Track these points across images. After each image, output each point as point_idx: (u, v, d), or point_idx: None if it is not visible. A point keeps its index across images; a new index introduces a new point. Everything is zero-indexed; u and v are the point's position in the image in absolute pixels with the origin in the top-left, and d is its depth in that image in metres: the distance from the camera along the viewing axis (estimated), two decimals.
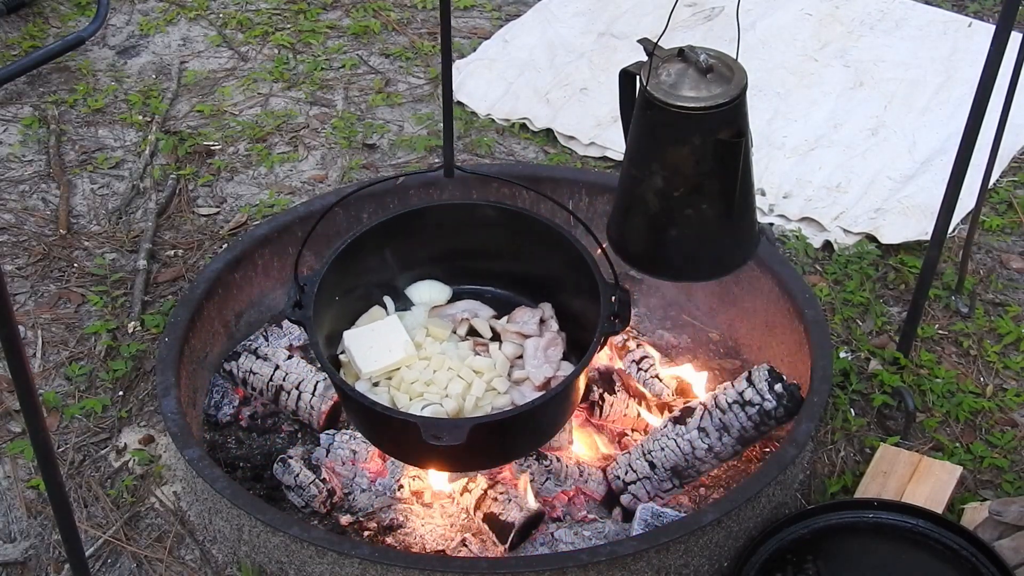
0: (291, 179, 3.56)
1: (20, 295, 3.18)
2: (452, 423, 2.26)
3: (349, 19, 4.24)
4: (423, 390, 2.46)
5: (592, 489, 2.61)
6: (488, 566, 2.33)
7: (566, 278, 2.52)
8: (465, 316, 2.64)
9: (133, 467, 2.75)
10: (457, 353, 2.54)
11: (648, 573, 2.35)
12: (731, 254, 2.39)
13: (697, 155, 2.19)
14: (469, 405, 2.44)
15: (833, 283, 3.18)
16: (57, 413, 2.85)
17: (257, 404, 2.83)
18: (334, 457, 2.64)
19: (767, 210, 3.40)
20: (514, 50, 4.04)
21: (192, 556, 2.58)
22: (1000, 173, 3.53)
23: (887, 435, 2.78)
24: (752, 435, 2.54)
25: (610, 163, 3.59)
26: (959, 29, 4.07)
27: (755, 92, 2.31)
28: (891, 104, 3.77)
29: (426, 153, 3.64)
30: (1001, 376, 2.96)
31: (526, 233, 2.57)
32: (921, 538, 2.45)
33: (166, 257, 3.29)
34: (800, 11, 4.17)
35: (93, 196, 3.50)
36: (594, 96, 3.81)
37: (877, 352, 2.97)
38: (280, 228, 2.95)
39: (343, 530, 2.55)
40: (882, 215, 3.36)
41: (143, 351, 2.99)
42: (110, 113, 3.82)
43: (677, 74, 2.18)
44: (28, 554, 2.58)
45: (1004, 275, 3.24)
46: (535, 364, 2.50)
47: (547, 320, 2.59)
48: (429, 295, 2.69)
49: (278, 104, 3.86)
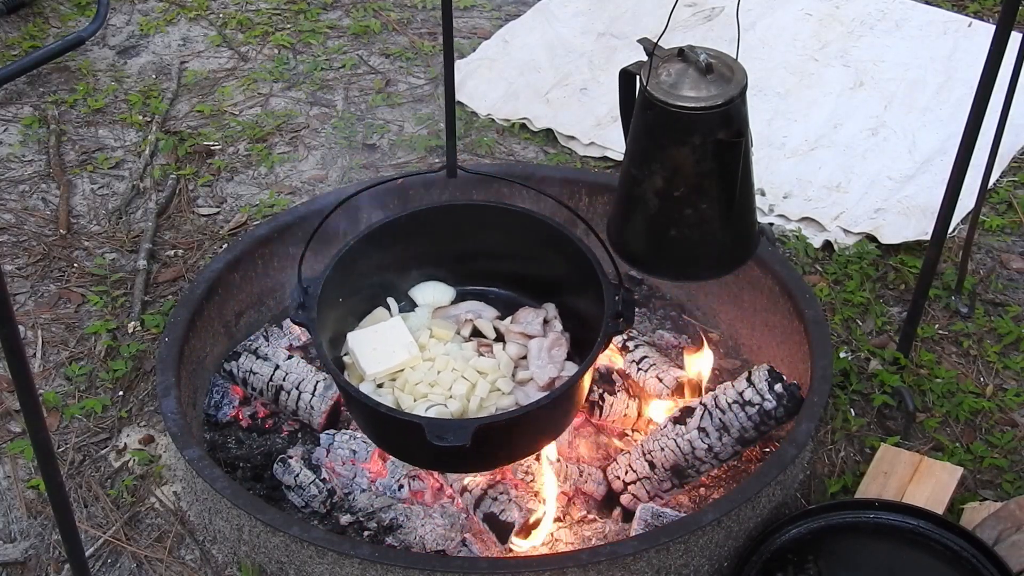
0: (291, 179, 3.56)
1: (20, 295, 3.18)
2: (457, 424, 2.25)
3: (349, 19, 4.24)
4: (427, 391, 2.45)
5: (592, 489, 2.60)
6: (488, 566, 2.33)
7: (570, 278, 2.52)
8: (469, 317, 2.63)
9: (133, 467, 2.75)
10: (461, 354, 2.54)
11: (648, 573, 2.35)
12: (731, 254, 2.39)
13: (697, 155, 2.19)
14: (473, 406, 2.43)
15: (833, 283, 3.18)
16: (57, 413, 2.85)
17: (257, 404, 2.83)
18: (334, 457, 2.64)
19: (767, 210, 3.40)
20: (514, 50, 4.04)
21: (192, 556, 2.58)
22: (1000, 173, 3.53)
23: (887, 435, 2.78)
24: (752, 435, 2.54)
25: (610, 163, 3.58)
26: (959, 29, 4.07)
27: (755, 92, 2.31)
28: (891, 104, 3.77)
29: (426, 153, 3.64)
30: (1001, 376, 2.96)
31: (530, 233, 2.56)
32: (922, 539, 2.45)
33: (166, 257, 3.29)
34: (800, 11, 4.17)
35: (93, 196, 3.50)
36: (594, 96, 3.81)
37: (877, 352, 2.97)
38: (280, 228, 2.95)
39: (343, 530, 2.55)
40: (882, 215, 3.36)
41: (143, 351, 2.99)
42: (110, 113, 3.82)
43: (677, 74, 2.19)
44: (28, 554, 2.58)
45: (1004, 275, 3.24)
46: (539, 364, 2.50)
47: (551, 320, 2.59)
48: (433, 296, 2.69)
49: (278, 104, 3.86)
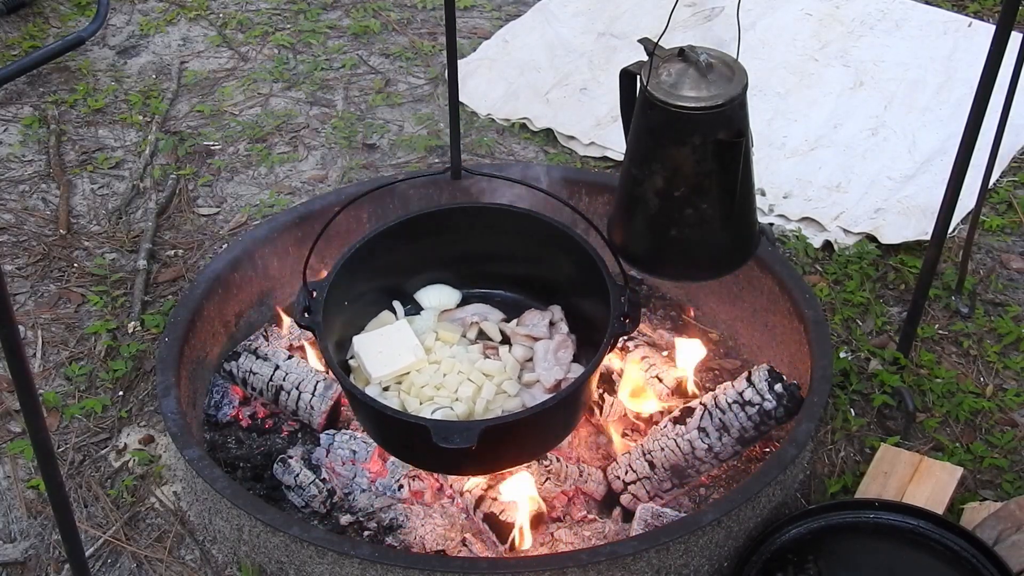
0: (291, 179, 3.56)
1: (20, 295, 3.18)
2: (463, 426, 2.25)
3: (349, 19, 4.24)
4: (433, 394, 2.45)
5: (592, 489, 2.60)
6: (488, 566, 2.33)
7: (575, 280, 2.52)
8: (475, 319, 2.63)
9: (133, 467, 2.75)
10: (467, 356, 2.54)
11: (648, 573, 2.35)
12: (731, 254, 2.39)
13: (697, 155, 2.19)
14: (480, 408, 2.43)
15: (833, 283, 3.18)
16: (57, 413, 2.85)
17: (257, 404, 2.83)
18: (334, 457, 2.64)
19: (767, 210, 3.40)
20: (514, 50, 4.04)
21: (192, 556, 2.58)
22: (1000, 173, 3.53)
23: (887, 435, 2.78)
24: (752, 435, 2.54)
25: (610, 163, 3.58)
26: (959, 29, 4.07)
27: (755, 92, 2.31)
28: (891, 104, 3.77)
29: (426, 153, 3.63)
30: (1001, 376, 2.96)
31: (535, 235, 2.56)
32: (922, 539, 2.45)
33: (166, 257, 3.29)
34: (800, 11, 4.17)
35: (93, 196, 3.50)
36: (594, 96, 3.81)
37: (877, 352, 2.97)
38: (280, 228, 2.95)
39: (343, 530, 2.55)
40: (882, 215, 3.36)
41: (143, 351, 2.99)
42: (110, 113, 3.81)
43: (677, 74, 2.19)
44: (28, 554, 2.58)
45: (1004, 275, 3.23)
46: (545, 366, 2.50)
47: (557, 322, 2.59)
48: (438, 299, 2.69)
49: (278, 104, 3.86)
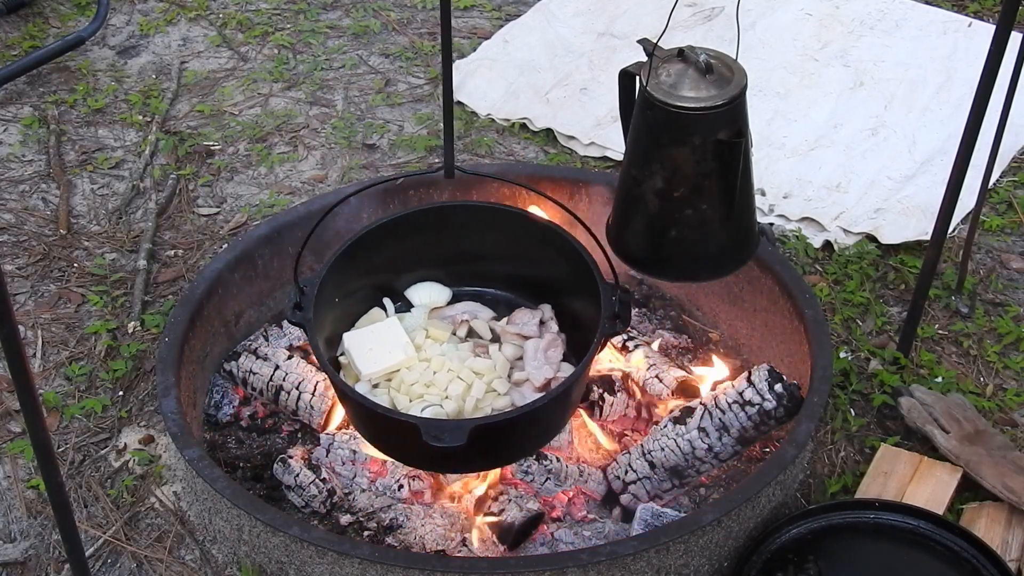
0: (291, 179, 3.56)
1: (20, 295, 3.18)
2: (453, 424, 2.26)
3: (349, 19, 4.24)
4: (423, 392, 2.45)
5: (592, 489, 2.60)
6: (488, 566, 2.32)
7: (566, 279, 2.52)
8: (465, 318, 2.64)
9: (133, 467, 2.75)
10: (457, 355, 2.54)
11: (648, 573, 2.35)
12: (731, 254, 2.39)
13: (697, 155, 2.19)
14: (469, 407, 2.43)
15: (833, 283, 3.18)
16: (57, 413, 2.85)
17: (257, 404, 2.83)
18: (334, 457, 2.64)
19: (767, 210, 3.40)
20: (514, 50, 4.04)
21: (192, 556, 2.58)
22: (1000, 173, 3.53)
23: (887, 435, 2.78)
24: (752, 435, 2.54)
25: (610, 163, 3.58)
26: (959, 29, 4.07)
27: (755, 92, 2.31)
28: (891, 104, 3.77)
29: (426, 153, 3.63)
30: (1001, 376, 2.96)
31: (526, 234, 2.57)
32: (922, 539, 2.45)
33: (166, 257, 3.29)
34: (800, 11, 4.17)
35: (93, 196, 3.50)
36: (594, 96, 3.81)
37: (877, 352, 2.96)
38: (280, 228, 2.95)
39: (343, 530, 2.55)
40: (882, 215, 3.36)
41: (143, 351, 2.99)
42: (110, 113, 3.81)
43: (677, 74, 2.19)
44: (28, 554, 2.58)
45: (1004, 275, 3.23)
46: (535, 365, 2.50)
47: (547, 321, 2.59)
48: (429, 297, 2.69)
49: (278, 104, 3.86)
